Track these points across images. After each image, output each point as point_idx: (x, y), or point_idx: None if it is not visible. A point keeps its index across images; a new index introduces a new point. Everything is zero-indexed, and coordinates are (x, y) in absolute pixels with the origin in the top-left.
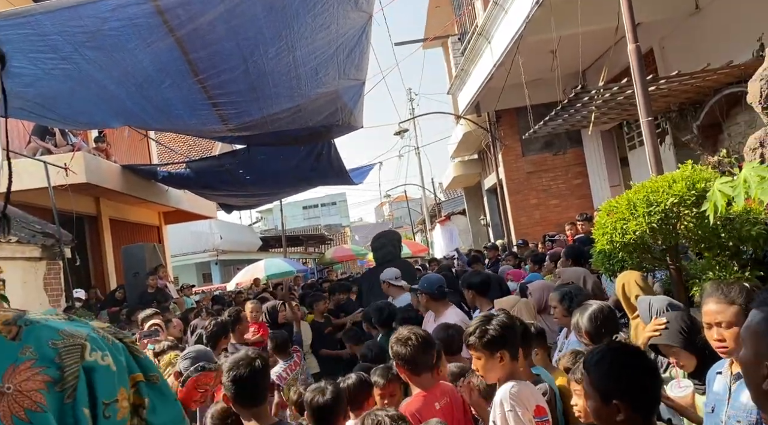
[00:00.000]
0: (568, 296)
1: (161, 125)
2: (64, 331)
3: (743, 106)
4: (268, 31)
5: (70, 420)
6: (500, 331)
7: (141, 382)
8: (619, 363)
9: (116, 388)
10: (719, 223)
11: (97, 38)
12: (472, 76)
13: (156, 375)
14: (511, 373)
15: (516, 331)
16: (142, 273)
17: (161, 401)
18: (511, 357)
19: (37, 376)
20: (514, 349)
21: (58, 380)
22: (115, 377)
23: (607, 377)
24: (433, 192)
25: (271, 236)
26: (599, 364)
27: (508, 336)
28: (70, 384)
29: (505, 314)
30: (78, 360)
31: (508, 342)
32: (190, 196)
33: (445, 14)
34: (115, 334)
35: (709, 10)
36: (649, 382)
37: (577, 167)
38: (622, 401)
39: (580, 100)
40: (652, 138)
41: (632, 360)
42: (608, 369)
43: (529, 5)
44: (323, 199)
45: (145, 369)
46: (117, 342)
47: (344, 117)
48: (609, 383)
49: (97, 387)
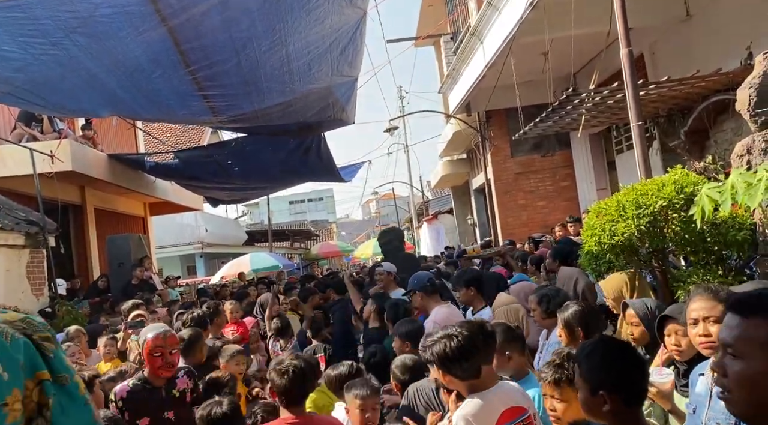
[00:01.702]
0: (546, 298)
1: (151, 114)
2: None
3: (730, 113)
4: (262, 24)
5: None
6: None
7: (46, 381)
8: (609, 356)
9: (4, 392)
10: (706, 228)
11: (89, 24)
12: (464, 75)
13: (65, 376)
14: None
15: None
16: (126, 264)
17: (70, 402)
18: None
19: None
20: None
21: None
22: (2, 379)
23: (596, 368)
24: (421, 190)
25: (257, 230)
26: (590, 356)
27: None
28: None
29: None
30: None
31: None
32: (177, 187)
33: (438, 13)
34: (24, 330)
35: (700, 17)
36: (637, 375)
37: (564, 170)
38: (609, 392)
39: (571, 103)
40: (642, 142)
41: (621, 353)
42: (598, 361)
43: (523, 6)
44: (310, 194)
45: (54, 368)
46: (18, 339)
47: (336, 113)
48: (598, 374)
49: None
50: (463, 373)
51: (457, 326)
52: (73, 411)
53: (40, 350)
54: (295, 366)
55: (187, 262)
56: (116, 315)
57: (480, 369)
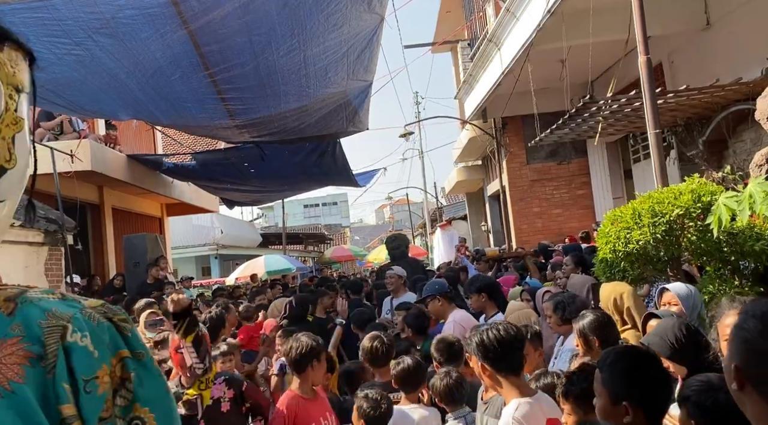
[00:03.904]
0: (562, 304)
1: (169, 118)
2: (51, 312)
3: (750, 123)
4: (281, 28)
5: (51, 394)
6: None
7: (127, 358)
8: (634, 366)
9: (96, 366)
10: (722, 237)
11: (111, 25)
12: (480, 81)
13: (142, 352)
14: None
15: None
16: (142, 263)
17: (147, 375)
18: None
19: (20, 351)
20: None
21: (42, 356)
22: (94, 356)
23: (619, 378)
24: (435, 196)
25: (272, 233)
26: (613, 365)
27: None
28: (51, 362)
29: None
30: (58, 340)
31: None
32: (193, 189)
33: (456, 20)
34: (105, 313)
35: (720, 26)
36: (660, 389)
37: (581, 177)
38: (632, 403)
39: (588, 110)
40: (659, 150)
41: (647, 365)
42: (622, 370)
43: (541, 13)
44: (325, 198)
45: (132, 346)
46: (103, 322)
47: (349, 116)
48: (621, 384)
49: (76, 366)
50: (502, 364)
51: (501, 322)
52: (149, 383)
53: (119, 330)
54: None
55: (203, 263)
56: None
57: (522, 364)
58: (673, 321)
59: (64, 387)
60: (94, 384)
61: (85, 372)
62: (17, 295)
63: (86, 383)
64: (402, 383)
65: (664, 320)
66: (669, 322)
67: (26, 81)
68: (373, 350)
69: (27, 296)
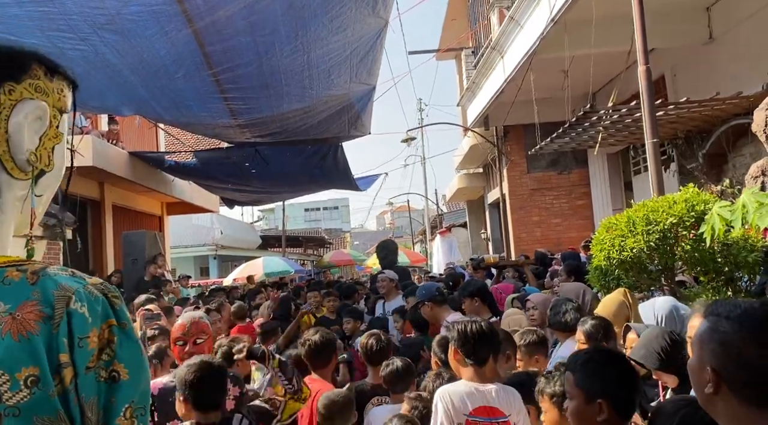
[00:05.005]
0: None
1: (171, 116)
2: (61, 285)
3: (749, 138)
4: (285, 29)
5: (54, 345)
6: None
7: (114, 326)
8: (606, 364)
9: (88, 329)
10: (716, 247)
11: (116, 21)
12: (483, 89)
13: (125, 322)
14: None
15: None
16: (140, 260)
17: (126, 340)
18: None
19: (37, 311)
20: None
21: (51, 317)
22: (88, 320)
23: (593, 376)
24: (436, 203)
25: (271, 235)
26: (586, 364)
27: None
28: (57, 321)
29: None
30: (64, 306)
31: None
32: (194, 188)
33: (461, 27)
34: (102, 290)
35: (723, 40)
36: (631, 386)
37: (581, 188)
38: (606, 400)
39: (589, 120)
40: (656, 160)
41: (617, 363)
42: (595, 369)
43: (544, 23)
44: (326, 202)
45: (118, 317)
46: (99, 296)
47: (352, 120)
48: (595, 382)
49: (74, 326)
50: (471, 353)
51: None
52: (127, 346)
53: (111, 304)
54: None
55: (201, 263)
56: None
57: (487, 359)
58: (657, 331)
59: (63, 341)
60: (85, 342)
61: (80, 332)
62: (40, 270)
63: (80, 340)
64: (391, 384)
65: (648, 331)
66: (653, 333)
67: (68, 104)
68: (369, 347)
69: (47, 271)
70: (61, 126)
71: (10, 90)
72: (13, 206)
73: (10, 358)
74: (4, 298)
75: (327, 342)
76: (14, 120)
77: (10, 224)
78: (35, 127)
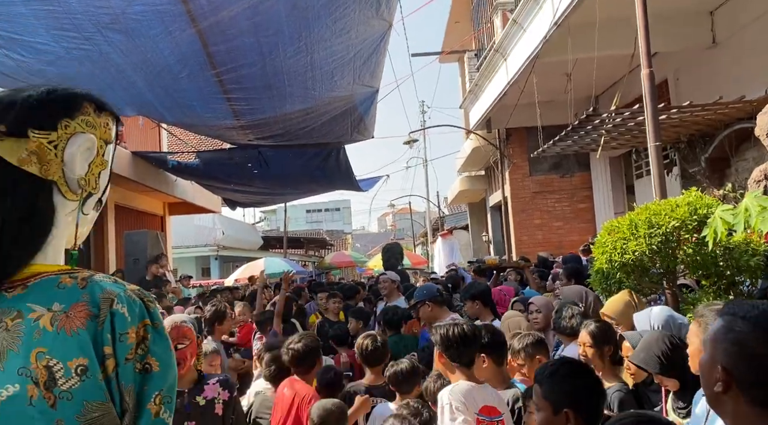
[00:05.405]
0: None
1: (174, 116)
2: (106, 289)
3: (752, 142)
4: (289, 30)
5: (99, 339)
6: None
7: (148, 325)
8: (572, 375)
9: (128, 326)
10: (718, 251)
11: (121, 21)
12: (486, 92)
13: (158, 322)
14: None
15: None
16: (142, 260)
17: (158, 338)
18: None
19: (85, 311)
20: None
21: (96, 315)
22: (128, 320)
23: (559, 388)
24: (437, 206)
25: (273, 236)
26: (553, 375)
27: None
28: (102, 319)
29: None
30: (108, 307)
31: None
32: (196, 188)
33: (464, 30)
34: (139, 295)
35: (726, 45)
36: (596, 396)
37: (583, 191)
38: (572, 410)
39: (591, 123)
40: (659, 163)
41: (583, 374)
42: (561, 380)
43: (547, 26)
44: (327, 204)
45: (152, 318)
46: (136, 300)
47: (354, 122)
48: (561, 393)
49: (116, 324)
50: (456, 357)
51: (465, 322)
52: (159, 343)
53: (146, 307)
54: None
55: (203, 264)
56: None
57: (473, 360)
58: (657, 335)
59: (107, 336)
60: (125, 337)
61: (121, 328)
62: (88, 277)
63: (120, 335)
64: (397, 385)
65: (648, 335)
66: (653, 337)
67: (113, 136)
68: (364, 348)
69: (94, 277)
70: (106, 154)
71: (66, 125)
72: (66, 223)
73: (64, 350)
74: (59, 300)
75: (310, 349)
76: (69, 151)
77: (63, 238)
78: (85, 156)
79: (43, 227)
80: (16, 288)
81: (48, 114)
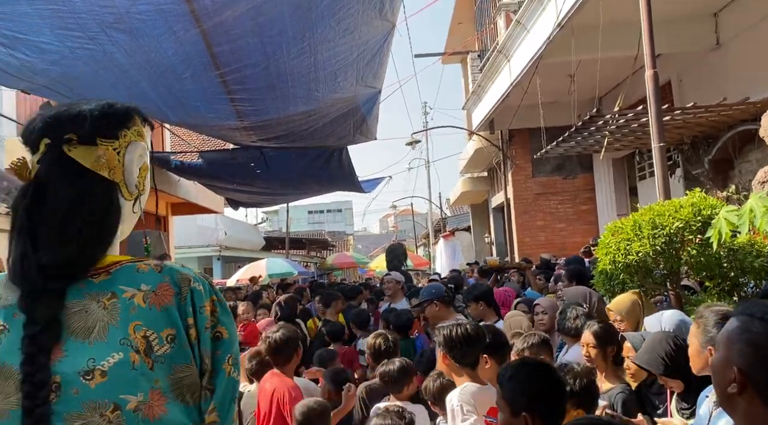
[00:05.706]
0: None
1: (178, 116)
2: (180, 272)
3: (756, 144)
4: (293, 30)
5: (183, 312)
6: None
7: (215, 301)
8: (531, 378)
9: (204, 300)
10: (723, 252)
11: (125, 20)
12: (489, 93)
13: (221, 299)
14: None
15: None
16: None
17: (224, 310)
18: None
19: (169, 290)
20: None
21: (178, 293)
22: (204, 295)
23: (517, 390)
24: (440, 207)
25: (275, 237)
26: (513, 378)
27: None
28: (184, 296)
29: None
30: (188, 285)
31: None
32: (199, 188)
33: (467, 31)
34: (204, 277)
35: (730, 46)
36: (556, 396)
37: (585, 193)
38: (531, 413)
39: (595, 124)
40: (663, 165)
41: (542, 375)
42: (519, 383)
43: (551, 27)
44: (329, 205)
45: (217, 295)
46: (205, 281)
47: (357, 125)
48: (519, 395)
49: (195, 299)
50: (461, 357)
51: (468, 322)
52: (225, 315)
53: (211, 286)
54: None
55: (205, 264)
56: None
57: (477, 361)
58: (661, 335)
59: (189, 309)
60: (203, 309)
61: (200, 302)
62: (160, 263)
63: (200, 308)
64: (390, 383)
65: (652, 336)
66: (656, 337)
67: (149, 143)
68: (376, 347)
69: (166, 263)
70: (147, 160)
71: (124, 135)
72: (127, 220)
73: (156, 322)
74: (145, 282)
75: (288, 339)
76: (128, 157)
77: (126, 233)
78: (138, 162)
79: (116, 224)
80: (100, 275)
81: (111, 125)
